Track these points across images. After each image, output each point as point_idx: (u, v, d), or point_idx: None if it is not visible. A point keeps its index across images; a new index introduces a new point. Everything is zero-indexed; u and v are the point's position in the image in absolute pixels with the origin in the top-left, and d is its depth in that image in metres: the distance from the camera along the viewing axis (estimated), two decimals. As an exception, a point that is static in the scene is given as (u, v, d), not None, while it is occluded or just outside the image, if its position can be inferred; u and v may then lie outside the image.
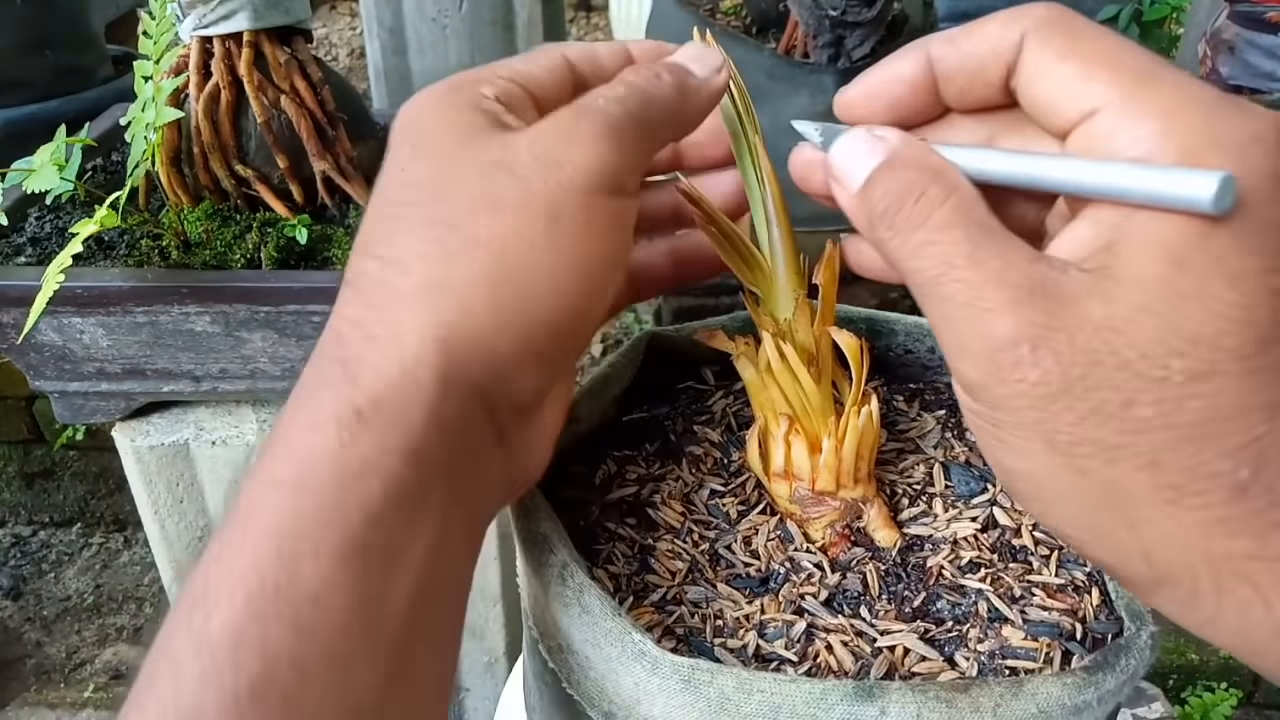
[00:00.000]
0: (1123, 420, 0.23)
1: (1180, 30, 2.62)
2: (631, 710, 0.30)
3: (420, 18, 1.63)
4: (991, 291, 0.24)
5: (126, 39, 1.60)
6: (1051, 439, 0.24)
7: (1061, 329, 0.23)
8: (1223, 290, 0.22)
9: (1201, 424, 0.22)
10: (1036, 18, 0.25)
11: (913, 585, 0.34)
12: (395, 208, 0.30)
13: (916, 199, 0.26)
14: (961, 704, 0.27)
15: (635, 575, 0.34)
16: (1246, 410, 0.22)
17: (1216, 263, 0.22)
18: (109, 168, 0.86)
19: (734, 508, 0.37)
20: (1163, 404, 0.23)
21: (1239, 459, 0.22)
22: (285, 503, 0.25)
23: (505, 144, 0.29)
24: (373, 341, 0.28)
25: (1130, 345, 0.23)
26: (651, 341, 0.43)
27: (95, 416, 0.77)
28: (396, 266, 0.29)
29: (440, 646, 0.29)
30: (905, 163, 0.27)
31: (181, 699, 0.23)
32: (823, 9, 1.28)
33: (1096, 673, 0.27)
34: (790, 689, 0.28)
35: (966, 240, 0.25)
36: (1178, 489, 0.23)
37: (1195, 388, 0.22)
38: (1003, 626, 0.32)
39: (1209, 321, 0.22)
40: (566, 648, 0.32)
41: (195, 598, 0.24)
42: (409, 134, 0.31)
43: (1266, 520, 0.22)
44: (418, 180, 0.30)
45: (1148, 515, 0.24)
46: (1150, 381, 0.23)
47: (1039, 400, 0.24)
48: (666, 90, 0.32)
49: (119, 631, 1.37)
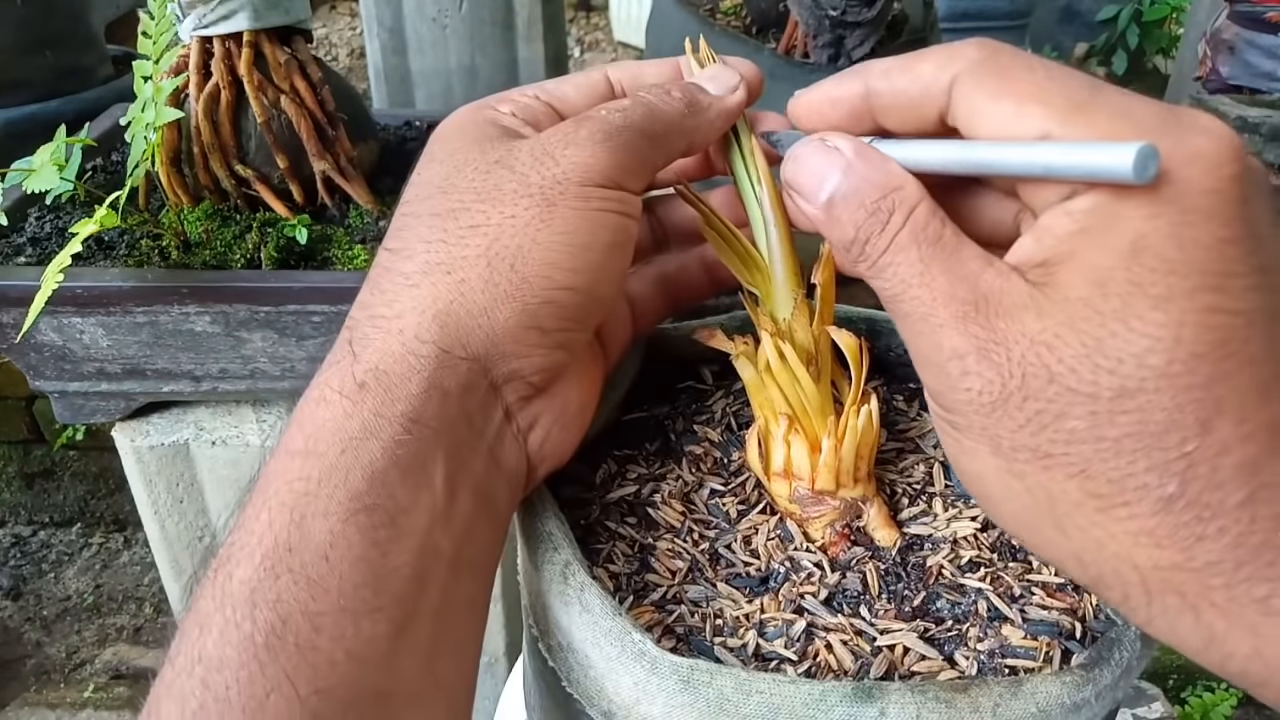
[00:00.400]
0: (1055, 430, 0.24)
1: (1180, 30, 2.62)
2: (631, 710, 0.30)
3: (420, 18, 1.63)
4: (941, 307, 0.25)
5: (126, 39, 1.59)
6: (995, 444, 0.25)
7: (1001, 343, 0.24)
8: (1146, 311, 0.23)
9: (1130, 438, 0.23)
10: (967, 59, 0.26)
11: (912, 584, 0.34)
12: (407, 206, 0.32)
13: (882, 227, 0.27)
14: (961, 704, 0.27)
15: (635, 574, 0.34)
16: (1175, 426, 0.23)
17: (1139, 285, 0.23)
18: (109, 168, 0.86)
19: (734, 507, 0.37)
20: (1093, 417, 0.23)
21: (1166, 473, 0.23)
22: (296, 469, 0.27)
23: (510, 148, 0.31)
24: (377, 320, 0.30)
25: (1060, 361, 0.24)
26: (651, 339, 0.43)
27: (95, 416, 0.77)
28: (403, 254, 0.31)
29: (457, 612, 0.30)
30: (862, 184, 0.27)
31: (206, 649, 0.25)
32: (823, 9, 1.28)
33: (1093, 669, 0.27)
34: (789, 690, 0.28)
35: (920, 260, 0.26)
36: (1105, 499, 0.24)
37: (1123, 404, 0.23)
38: (1002, 625, 0.32)
39: (1134, 340, 0.23)
40: (566, 646, 0.32)
41: (221, 560, 0.27)
42: (432, 145, 0.33)
43: (1193, 533, 0.23)
44: (428, 180, 0.32)
45: (1078, 521, 0.25)
46: (1080, 396, 0.23)
47: (982, 408, 0.25)
48: (674, 105, 0.33)
49: (119, 631, 1.37)
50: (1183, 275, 0.22)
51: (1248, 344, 0.23)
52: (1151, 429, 0.23)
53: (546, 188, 0.30)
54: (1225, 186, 0.22)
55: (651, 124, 0.32)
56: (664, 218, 0.40)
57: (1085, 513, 0.24)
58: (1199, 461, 0.23)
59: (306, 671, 0.25)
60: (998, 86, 0.25)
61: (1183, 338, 0.22)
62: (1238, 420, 0.23)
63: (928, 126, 0.27)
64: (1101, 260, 0.23)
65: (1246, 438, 0.23)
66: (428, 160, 0.33)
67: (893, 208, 0.27)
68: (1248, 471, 0.23)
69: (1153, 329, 0.22)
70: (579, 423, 0.35)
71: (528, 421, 0.32)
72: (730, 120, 0.35)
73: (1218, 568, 0.23)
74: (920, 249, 0.26)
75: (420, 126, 0.96)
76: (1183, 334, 0.22)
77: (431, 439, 0.28)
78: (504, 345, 0.30)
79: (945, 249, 0.26)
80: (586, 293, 0.31)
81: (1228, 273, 0.22)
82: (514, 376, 0.31)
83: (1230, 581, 0.23)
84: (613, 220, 0.31)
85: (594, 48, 3.21)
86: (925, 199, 0.27)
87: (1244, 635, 0.23)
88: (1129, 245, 0.23)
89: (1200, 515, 0.23)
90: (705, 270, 0.40)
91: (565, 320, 0.31)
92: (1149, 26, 2.66)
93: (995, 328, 0.25)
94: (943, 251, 0.26)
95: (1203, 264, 0.22)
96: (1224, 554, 0.23)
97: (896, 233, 0.26)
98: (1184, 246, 0.22)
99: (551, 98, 0.35)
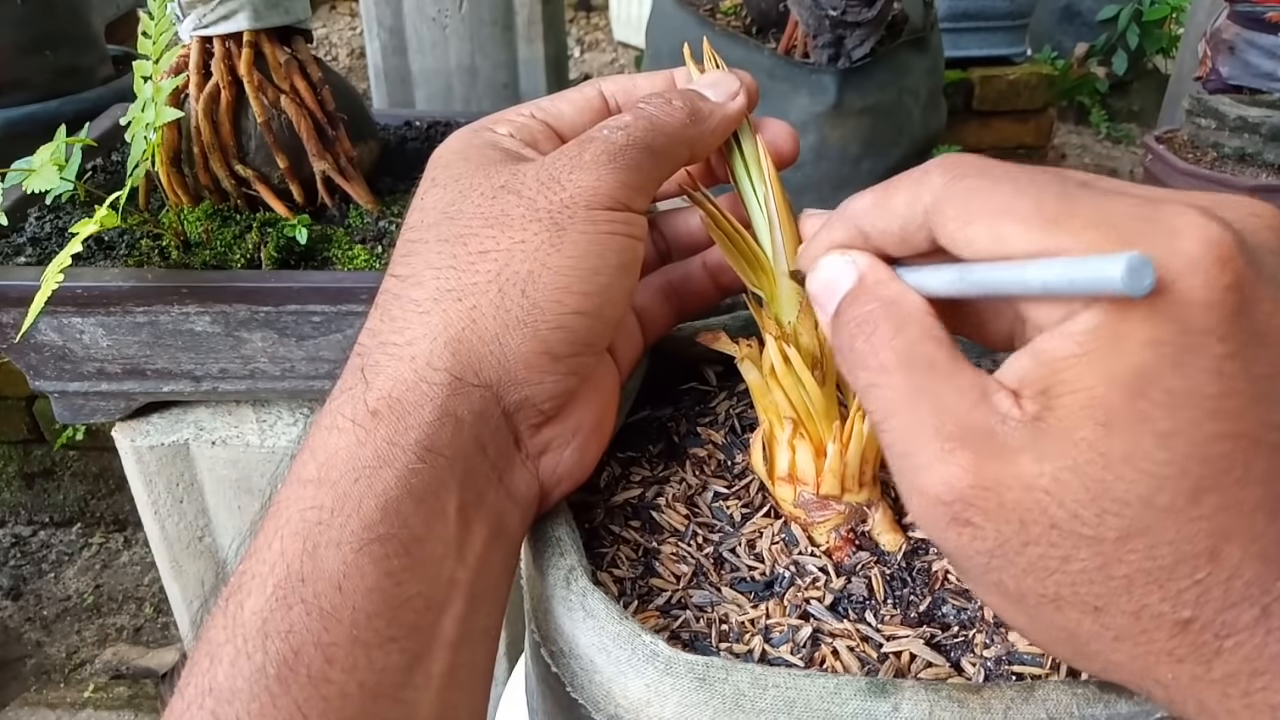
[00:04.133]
0: (1062, 574, 0.23)
1: (1180, 30, 2.62)
2: (640, 712, 0.30)
3: (420, 18, 1.63)
4: (924, 444, 0.24)
5: (126, 39, 1.59)
6: (1002, 590, 0.24)
7: (991, 488, 0.23)
8: (1152, 450, 0.22)
9: (1140, 574, 0.22)
10: (934, 188, 0.25)
11: (918, 590, 0.34)
12: (413, 232, 0.32)
13: (867, 336, 0.26)
14: (973, 704, 0.27)
15: (640, 579, 0.34)
16: (1185, 559, 0.22)
17: (1144, 422, 0.22)
18: (109, 168, 0.86)
19: (738, 510, 0.37)
20: (1100, 559, 0.23)
21: (1179, 602, 0.22)
22: (309, 497, 0.27)
23: (515, 171, 0.31)
24: (388, 348, 0.29)
25: (1060, 505, 0.22)
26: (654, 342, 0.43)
27: (95, 416, 0.77)
28: (412, 280, 0.30)
29: (470, 641, 0.29)
30: (864, 295, 0.27)
31: (217, 680, 0.24)
32: (823, 9, 1.28)
33: (1110, 691, 0.27)
34: (805, 684, 0.28)
35: (906, 385, 0.25)
36: (1122, 629, 0.23)
37: (1130, 544, 0.22)
38: (1009, 631, 0.32)
39: (1140, 481, 0.22)
40: (570, 652, 0.32)
41: (232, 589, 0.26)
42: (432, 170, 0.33)
43: (1211, 650, 0.23)
44: (433, 206, 0.32)
45: (1097, 649, 0.24)
46: (1084, 539, 0.23)
47: (978, 556, 0.24)
48: (676, 116, 0.33)
49: (119, 631, 1.36)
50: (1187, 406, 0.21)
51: (1251, 465, 0.22)
52: (1161, 564, 0.22)
53: (555, 212, 0.30)
54: (1222, 298, 0.21)
55: (654, 138, 0.32)
56: (666, 230, 0.40)
57: (1103, 642, 0.24)
58: (1212, 587, 0.22)
59: (319, 704, 0.24)
60: (965, 212, 0.24)
61: (1189, 471, 0.22)
62: (1247, 541, 0.22)
63: (925, 249, 0.27)
64: (1106, 396, 0.22)
65: (1256, 556, 0.22)
66: (430, 185, 0.32)
67: (883, 318, 0.26)
68: (1259, 589, 0.22)
69: (1159, 468, 0.22)
70: (594, 444, 0.34)
71: (539, 447, 0.32)
72: (732, 127, 0.35)
73: (1234, 678, 0.23)
74: (907, 374, 0.25)
75: (420, 126, 0.95)
76: (1189, 468, 0.22)
77: (445, 467, 0.28)
78: (516, 372, 0.30)
79: (936, 374, 0.24)
80: (597, 316, 0.31)
81: (1229, 392, 0.21)
82: (526, 404, 0.31)
83: (1248, 689, 0.23)
84: (621, 242, 0.31)
85: (594, 48, 3.21)
86: (926, 318, 0.26)
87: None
88: (1133, 376, 0.22)
89: (1217, 634, 0.22)
90: (710, 276, 0.39)
91: (576, 345, 0.31)
92: (1149, 26, 2.66)
93: (985, 472, 0.23)
94: (934, 378, 0.24)
95: (1205, 388, 0.21)
96: (1240, 665, 0.22)
97: (882, 348, 0.25)
98: (1187, 374, 0.21)
99: (548, 116, 0.35)
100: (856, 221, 0.28)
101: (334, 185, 0.78)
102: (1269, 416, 0.22)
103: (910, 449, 0.24)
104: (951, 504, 0.23)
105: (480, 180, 0.31)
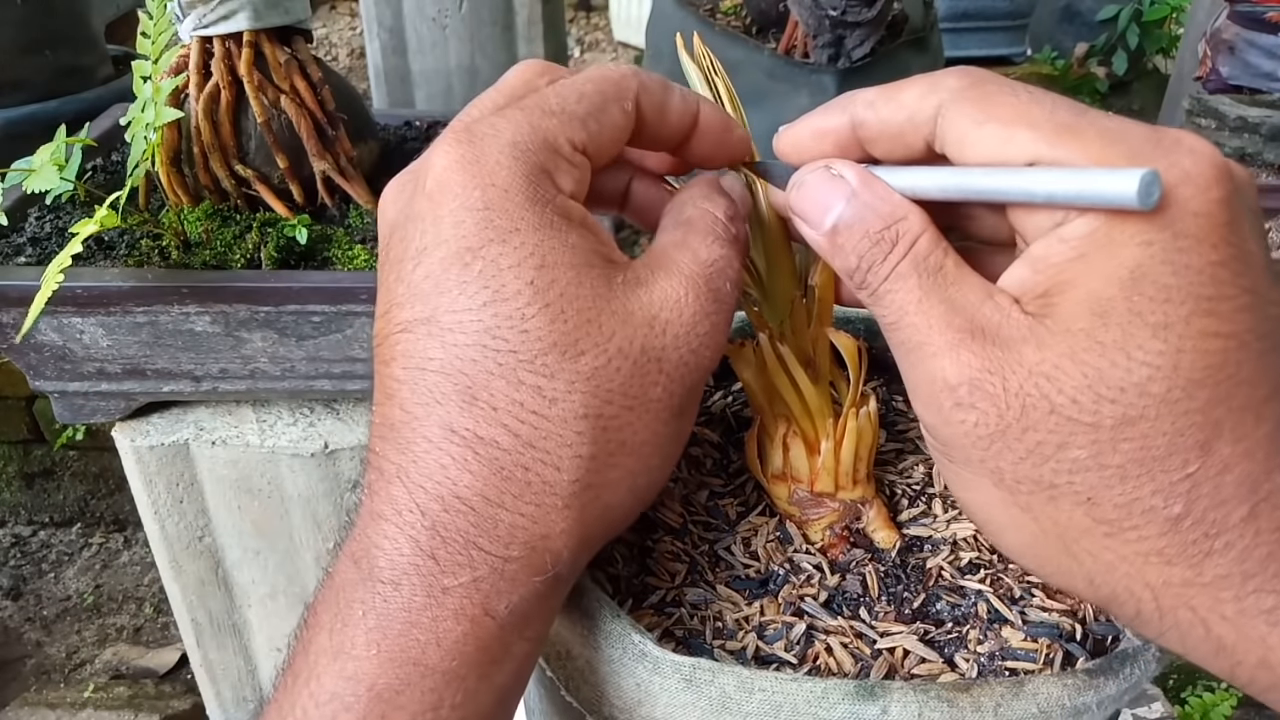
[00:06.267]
0: (1058, 461, 0.24)
1: (1180, 30, 2.62)
2: (633, 713, 0.30)
3: (420, 18, 1.63)
4: (936, 335, 0.25)
5: (126, 39, 1.60)
6: (997, 476, 0.25)
7: (997, 373, 0.24)
8: (1147, 340, 0.23)
9: (1133, 464, 0.23)
10: (950, 88, 0.26)
11: (912, 586, 0.34)
12: (511, 357, 0.26)
13: (884, 256, 0.27)
14: (963, 703, 0.27)
15: (635, 577, 0.34)
16: (1177, 450, 0.23)
17: (1139, 314, 0.23)
18: (109, 168, 0.86)
19: (733, 509, 0.37)
20: (1095, 446, 0.24)
21: (1171, 495, 0.23)
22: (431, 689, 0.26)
23: (652, 324, 0.27)
24: (523, 546, 0.26)
25: (1060, 391, 0.24)
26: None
27: (95, 416, 0.77)
28: (543, 457, 0.26)
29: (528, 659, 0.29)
30: (866, 213, 0.27)
31: None
32: (823, 9, 1.28)
33: (1098, 676, 0.27)
34: (791, 688, 0.28)
35: (918, 287, 0.26)
36: (1114, 524, 0.24)
37: (1125, 431, 0.23)
38: (1002, 628, 0.32)
39: (1135, 370, 0.23)
40: (565, 655, 0.32)
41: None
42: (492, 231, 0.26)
43: (1201, 550, 0.23)
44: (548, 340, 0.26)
45: (1088, 547, 0.25)
46: (1082, 425, 0.24)
47: (979, 441, 0.25)
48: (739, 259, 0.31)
49: (119, 631, 1.36)
50: (1179, 302, 0.23)
51: (1241, 366, 0.23)
52: (1154, 454, 0.23)
53: (681, 395, 0.29)
54: (1214, 209, 0.23)
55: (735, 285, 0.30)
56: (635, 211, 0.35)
57: (1094, 538, 0.25)
58: (1202, 481, 0.23)
59: None
60: (982, 112, 0.25)
61: (1181, 364, 0.23)
62: (1236, 439, 0.23)
63: (915, 154, 0.27)
64: (1102, 290, 0.23)
65: (1245, 455, 0.23)
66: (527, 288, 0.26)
67: (896, 238, 0.27)
68: (1248, 487, 0.23)
69: (1153, 358, 0.23)
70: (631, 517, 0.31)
71: None
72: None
73: (1226, 581, 0.23)
74: (920, 278, 0.26)
75: (420, 126, 0.96)
76: (1181, 361, 0.23)
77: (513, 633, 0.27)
78: (581, 560, 0.29)
79: (945, 279, 0.26)
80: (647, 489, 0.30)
81: (1220, 296, 0.23)
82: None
83: (1239, 594, 0.23)
84: None
85: (594, 48, 3.21)
86: (929, 230, 0.27)
87: (1252, 645, 0.24)
88: (1128, 273, 0.23)
89: (1207, 532, 0.23)
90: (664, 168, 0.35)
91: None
92: (1149, 26, 2.66)
93: (991, 357, 0.24)
94: (943, 281, 0.26)
95: (1196, 289, 0.23)
96: (1231, 568, 0.23)
97: (898, 262, 0.26)
98: (1179, 272, 0.23)
99: (588, 145, 0.29)
100: (853, 110, 0.28)
101: (334, 185, 0.78)
102: (1257, 325, 0.23)
103: (922, 341, 0.26)
104: (958, 388, 0.25)
105: (618, 333, 0.27)
